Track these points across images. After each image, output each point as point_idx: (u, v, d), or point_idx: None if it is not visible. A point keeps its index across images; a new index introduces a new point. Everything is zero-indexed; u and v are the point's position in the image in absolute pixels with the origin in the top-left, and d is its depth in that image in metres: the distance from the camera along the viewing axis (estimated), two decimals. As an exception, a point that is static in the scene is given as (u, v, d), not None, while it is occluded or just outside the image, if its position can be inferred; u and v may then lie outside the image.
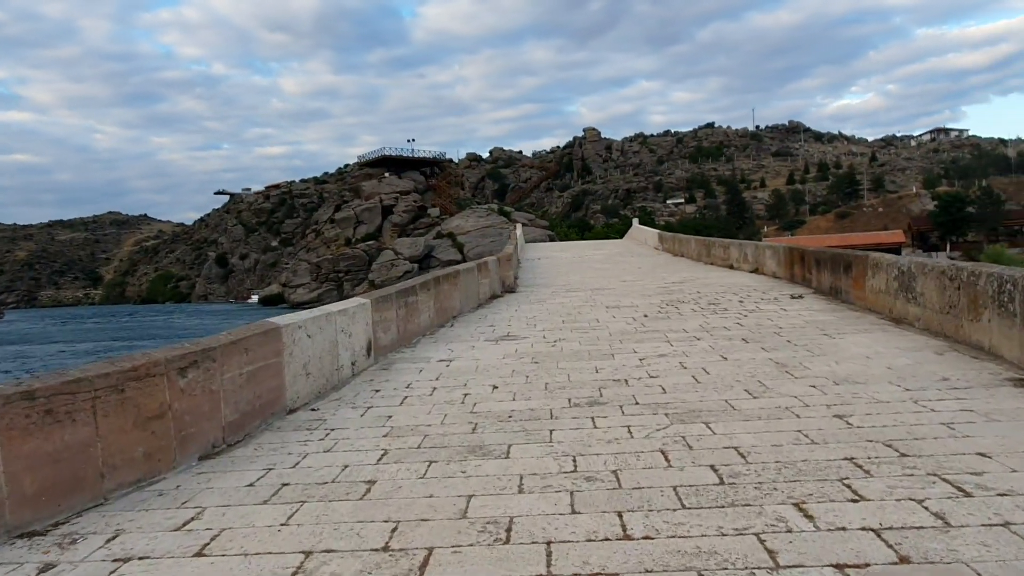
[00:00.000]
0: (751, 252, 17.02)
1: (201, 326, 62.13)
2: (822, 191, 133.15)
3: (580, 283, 15.86)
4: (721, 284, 13.85)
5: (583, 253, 29.30)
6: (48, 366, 39.92)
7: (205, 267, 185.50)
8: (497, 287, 13.41)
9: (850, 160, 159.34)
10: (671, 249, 26.47)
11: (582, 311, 10.61)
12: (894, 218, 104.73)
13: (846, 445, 3.77)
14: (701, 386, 5.41)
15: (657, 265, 20.84)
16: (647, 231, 33.81)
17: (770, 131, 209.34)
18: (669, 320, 9.16)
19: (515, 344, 7.90)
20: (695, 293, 12.37)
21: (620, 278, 16.79)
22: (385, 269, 70.32)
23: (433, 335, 8.80)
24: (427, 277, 9.24)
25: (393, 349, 7.69)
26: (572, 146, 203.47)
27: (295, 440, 4.56)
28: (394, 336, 7.77)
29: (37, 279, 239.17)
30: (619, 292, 13.29)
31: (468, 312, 10.92)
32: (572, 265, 22.73)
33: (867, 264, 9.14)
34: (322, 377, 5.91)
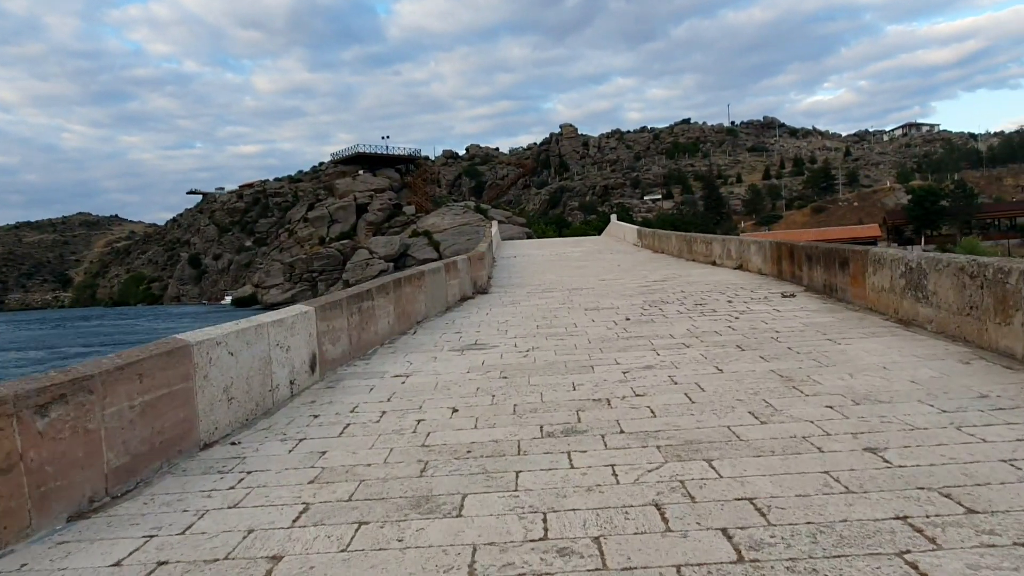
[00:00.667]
0: (735, 248, 16.31)
1: (166, 330, 60.43)
2: (798, 186, 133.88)
3: (557, 282, 15.03)
4: (706, 282, 13.09)
5: (561, 250, 28.51)
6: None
7: (177, 268, 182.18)
8: (468, 288, 12.52)
9: (825, 155, 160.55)
10: (651, 245, 25.76)
11: (558, 314, 9.77)
12: (869, 212, 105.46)
13: (892, 495, 2.95)
14: (697, 407, 4.58)
15: (637, 262, 20.08)
16: (626, 227, 33.10)
17: (745, 127, 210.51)
18: (654, 324, 8.34)
19: (483, 354, 7.02)
20: (679, 292, 11.58)
21: (599, 277, 15.98)
22: (360, 268, 68.99)
23: (392, 344, 7.90)
24: (386, 279, 8.33)
25: (344, 362, 6.78)
26: (549, 143, 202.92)
27: (199, 489, 3.65)
28: (345, 347, 6.85)
29: (4, 282, 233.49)
30: (598, 292, 12.48)
31: (435, 317, 10.02)
32: (549, 263, 21.92)
33: (867, 260, 8.40)
34: (250, 402, 4.99)
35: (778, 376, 5.29)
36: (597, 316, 9.30)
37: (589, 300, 11.23)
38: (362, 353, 7.26)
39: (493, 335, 8.21)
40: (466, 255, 12.88)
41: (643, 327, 8.13)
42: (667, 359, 6.21)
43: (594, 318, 9.13)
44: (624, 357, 6.43)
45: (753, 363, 5.81)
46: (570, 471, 3.53)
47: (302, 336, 5.90)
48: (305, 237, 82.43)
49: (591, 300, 11.21)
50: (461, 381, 5.86)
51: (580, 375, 5.80)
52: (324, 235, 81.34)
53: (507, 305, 11.26)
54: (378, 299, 7.84)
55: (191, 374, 4.34)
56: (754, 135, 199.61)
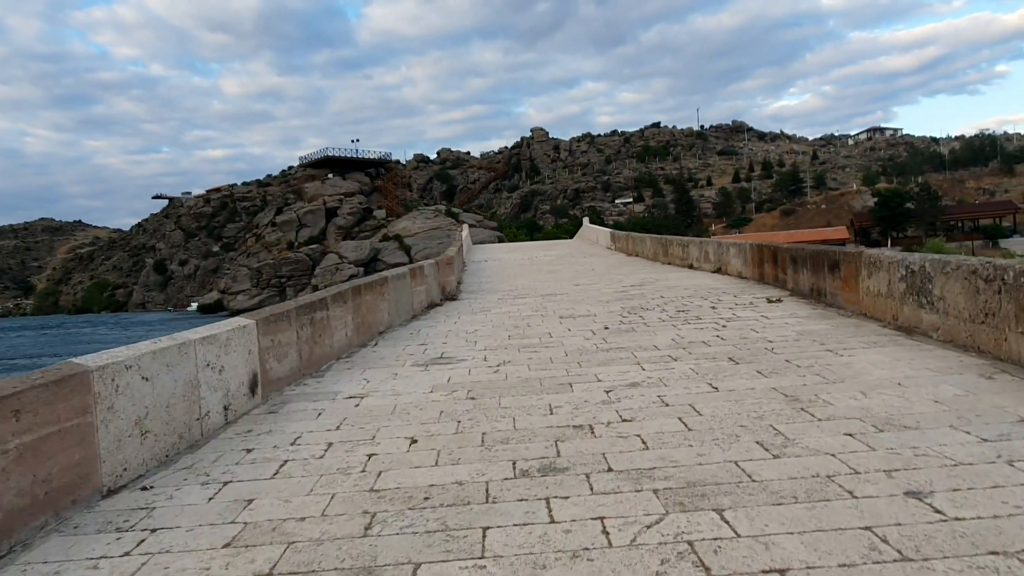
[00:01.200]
0: (713, 251, 15.83)
1: (123, 338, 58.11)
2: (767, 189, 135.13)
3: (530, 288, 14.37)
4: (685, 287, 12.54)
5: (533, 254, 27.90)
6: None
7: (142, 274, 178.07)
8: (436, 294, 11.80)
9: (792, 158, 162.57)
10: (624, 249, 25.27)
11: (532, 322, 9.10)
12: (837, 214, 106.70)
13: (962, 565, 2.32)
14: (695, 435, 3.94)
15: (612, 266, 19.53)
16: (599, 230, 32.60)
17: (715, 131, 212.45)
18: (635, 333, 7.71)
19: (449, 370, 6.32)
20: (659, 298, 11.00)
21: (573, 281, 15.37)
22: (329, 274, 67.63)
23: (349, 359, 7.15)
24: (343, 287, 7.59)
25: (293, 381, 6.03)
26: (520, 146, 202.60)
27: (85, 556, 2.91)
28: (294, 364, 6.10)
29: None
30: (573, 298, 11.84)
31: (399, 326, 9.29)
32: (521, 267, 21.28)
33: (861, 262, 7.88)
34: (171, 434, 4.23)
35: (782, 395, 4.68)
36: (573, 325, 8.66)
37: (564, 307, 10.59)
38: (314, 369, 6.51)
39: (461, 347, 7.51)
40: (433, 260, 12.16)
41: (624, 337, 7.50)
42: (654, 375, 5.57)
43: (570, 327, 8.48)
44: (606, 373, 5.78)
45: (751, 379, 5.20)
46: (550, 527, 2.86)
47: (239, 354, 5.15)
48: (273, 242, 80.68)
49: (566, 307, 10.57)
50: (423, 403, 5.16)
51: (558, 395, 5.14)
52: (293, 240, 79.70)
53: (477, 313, 10.56)
54: (333, 309, 7.10)
55: (90, 406, 3.58)
56: (723, 139, 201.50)
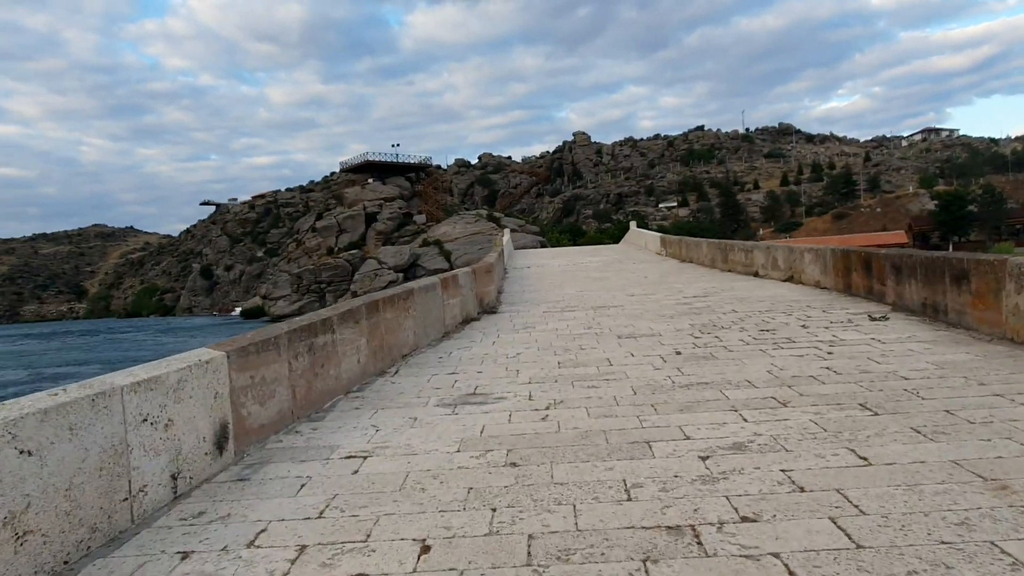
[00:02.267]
0: (783, 257, 14.11)
1: (158, 345, 57.80)
2: (817, 192, 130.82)
3: (578, 299, 12.89)
4: (758, 298, 10.90)
5: (577, 260, 26.36)
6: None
7: (189, 279, 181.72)
8: (472, 307, 10.41)
9: (844, 160, 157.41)
10: (676, 254, 23.56)
11: (585, 344, 7.63)
12: (893, 218, 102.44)
13: None
14: (872, 561, 2.43)
15: (665, 273, 17.90)
16: (647, 234, 30.88)
17: (761, 133, 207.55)
18: (717, 362, 6.17)
19: (483, 414, 4.90)
20: (731, 312, 9.41)
21: (626, 291, 13.83)
22: (368, 279, 67.04)
23: (361, 393, 5.78)
24: (356, 303, 6.23)
25: (282, 427, 4.68)
26: (562, 151, 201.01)
27: None
28: (284, 405, 4.75)
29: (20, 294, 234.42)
30: (630, 311, 10.32)
31: (427, 348, 7.91)
32: (566, 275, 19.78)
33: (1004, 273, 6.21)
34: (76, 529, 2.89)
35: (975, 476, 3.13)
36: (636, 348, 7.15)
37: (621, 323, 9.08)
38: (314, 409, 5.16)
39: (500, 378, 6.08)
40: (469, 268, 10.74)
41: (704, 367, 5.97)
42: (763, 429, 4.05)
43: (632, 351, 6.98)
44: (693, 423, 4.28)
45: (911, 444, 3.64)
46: None
47: (199, 400, 3.80)
48: (313, 247, 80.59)
49: (623, 323, 9.06)
50: (445, 471, 3.73)
51: (633, 461, 3.66)
52: (332, 245, 79.49)
53: (519, 330, 9.12)
54: (342, 331, 5.74)
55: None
56: (770, 141, 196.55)
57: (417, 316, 7.75)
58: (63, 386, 3.11)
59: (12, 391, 31.58)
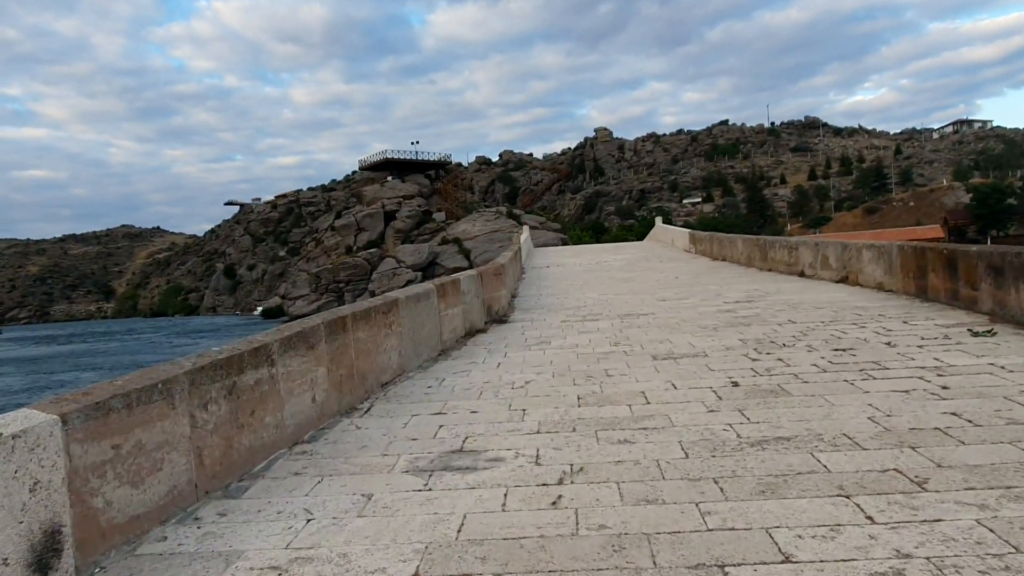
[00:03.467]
0: (835, 254, 12.43)
1: (172, 348, 56.37)
2: (847, 186, 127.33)
3: (602, 304, 11.34)
4: (813, 304, 9.28)
5: (600, 258, 24.76)
6: None
7: (213, 279, 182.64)
8: (479, 317, 8.91)
9: (874, 154, 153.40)
10: (707, 252, 21.87)
11: (612, 368, 6.09)
12: (927, 212, 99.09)
13: None
14: None
15: (698, 273, 16.27)
16: (674, 231, 29.15)
17: (787, 127, 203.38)
18: (791, 400, 4.60)
19: (467, 491, 3.39)
20: (787, 322, 7.81)
21: (655, 294, 12.25)
22: (386, 279, 65.88)
23: (312, 443, 4.31)
24: (312, 321, 4.76)
25: (174, 512, 3.22)
26: (584, 147, 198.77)
27: None
28: (181, 479, 3.29)
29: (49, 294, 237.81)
30: (663, 321, 8.76)
31: (416, 371, 6.42)
32: (589, 274, 18.22)
33: None
34: None
35: None
36: (677, 374, 5.60)
37: (654, 337, 7.54)
38: (238, 474, 3.70)
39: (499, 422, 4.57)
40: (475, 271, 9.22)
41: (775, 407, 4.41)
42: (907, 544, 2.50)
43: (673, 378, 5.44)
44: (786, 522, 2.74)
45: None
46: None
47: None
48: (332, 246, 79.68)
49: (657, 337, 7.51)
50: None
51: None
52: (351, 244, 78.52)
53: (532, 346, 7.61)
54: (286, 361, 4.27)
55: None
56: (796, 135, 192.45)
57: (404, 333, 6.26)
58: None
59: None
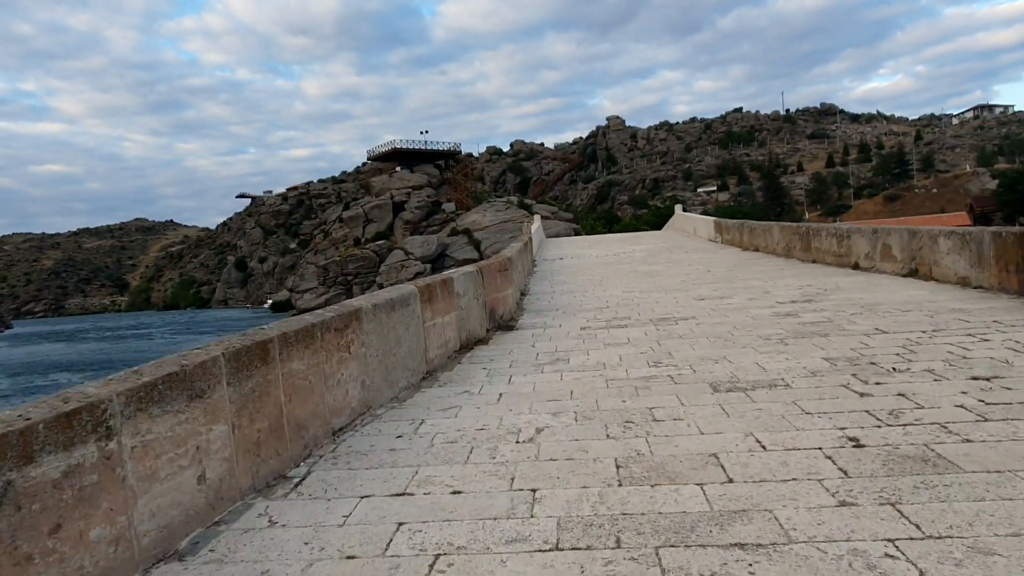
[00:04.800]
0: (900, 243, 10.59)
1: (172, 345, 54.51)
2: (866, 173, 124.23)
3: (628, 304, 9.58)
4: (894, 305, 7.47)
5: (617, 249, 22.94)
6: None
7: (225, 271, 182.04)
8: (478, 323, 7.19)
9: (893, 140, 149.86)
10: (736, 241, 20.01)
11: (659, 407, 4.34)
12: (950, 199, 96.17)
13: None
14: None
15: (732, 266, 14.44)
16: (697, 219, 27.25)
17: (802, 114, 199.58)
18: (964, 481, 2.85)
19: None
20: (874, 332, 6.03)
21: (690, 291, 10.47)
22: (394, 271, 64.27)
23: (184, 566, 2.61)
24: (204, 354, 3.06)
25: None
26: (596, 136, 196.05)
27: None
28: None
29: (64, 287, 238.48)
30: (710, 328, 6.99)
31: (388, 405, 4.71)
32: (607, 268, 16.43)
33: None
34: None
35: None
36: (757, 417, 3.85)
37: (705, 352, 5.79)
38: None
39: (494, 520, 2.85)
40: (473, 266, 7.47)
41: (950, 496, 2.66)
42: None
43: (754, 428, 3.69)
44: None
45: None
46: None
47: None
48: (340, 238, 78.20)
49: (710, 353, 5.76)
50: None
51: None
52: (360, 235, 76.98)
53: (545, 367, 5.88)
54: (140, 428, 2.56)
55: None
56: (813, 122, 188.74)
57: (370, 355, 4.55)
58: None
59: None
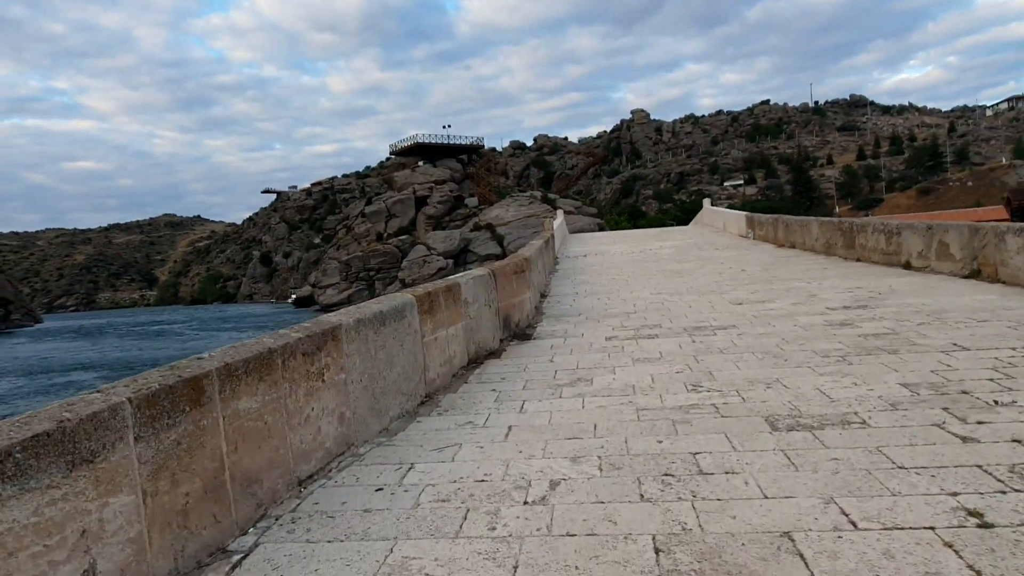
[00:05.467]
0: (959, 240, 9.57)
1: (182, 347, 52.88)
2: (898, 166, 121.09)
3: (658, 308, 8.71)
4: (965, 312, 6.52)
5: (644, 245, 21.98)
6: None
7: (250, 266, 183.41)
8: (490, 333, 6.38)
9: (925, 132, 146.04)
10: (770, 237, 18.96)
11: (705, 452, 3.50)
12: (986, 192, 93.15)
13: None
14: None
15: (768, 265, 13.47)
16: (727, 213, 26.15)
17: (832, 106, 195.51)
18: None
19: None
20: (952, 348, 5.11)
21: (726, 293, 9.56)
22: (416, 267, 63.67)
23: None
24: (103, 401, 2.31)
25: None
26: (620, 130, 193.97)
27: None
28: None
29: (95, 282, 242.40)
30: (753, 340, 6.10)
31: (375, 440, 3.93)
32: (633, 265, 15.53)
33: None
34: None
35: None
36: (833, 473, 3.00)
37: (753, 373, 4.92)
38: None
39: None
40: (484, 269, 6.60)
41: None
42: None
43: (833, 491, 2.84)
44: None
45: None
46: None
47: None
48: (362, 233, 77.82)
49: (759, 374, 4.89)
50: None
51: None
52: (382, 231, 76.53)
53: (564, 388, 5.05)
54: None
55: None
56: (842, 114, 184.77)
57: (352, 381, 3.77)
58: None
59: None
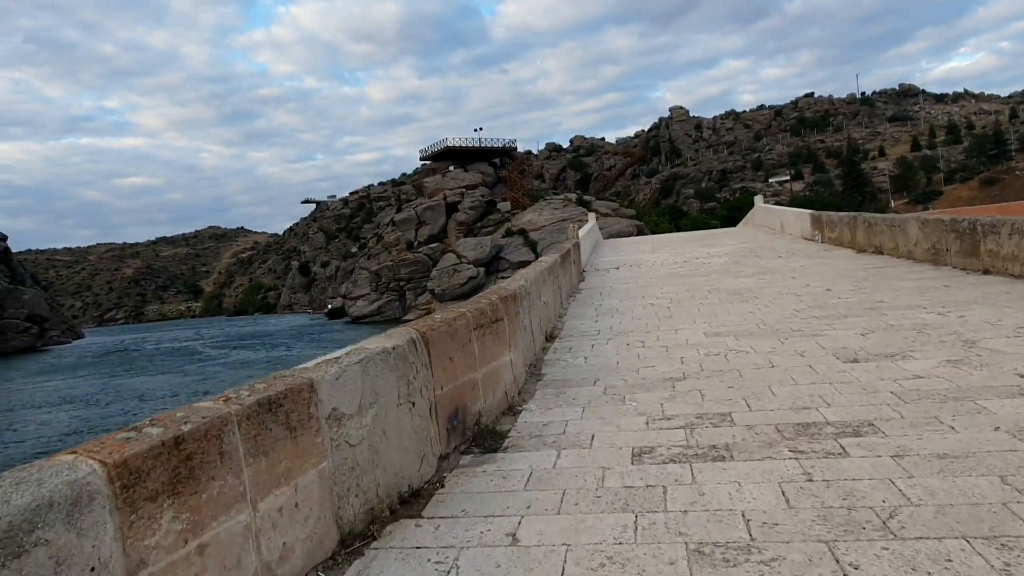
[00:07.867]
0: None
1: (206, 374, 48.05)
2: (957, 156, 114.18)
3: (718, 370, 5.56)
4: None
5: (688, 253, 18.65)
6: None
7: (289, 276, 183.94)
8: (412, 456, 3.40)
9: (986, 119, 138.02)
10: (844, 240, 15.49)
11: None
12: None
13: None
14: None
15: (858, 280, 10.12)
16: (786, 212, 22.57)
17: (880, 96, 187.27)
18: None
19: None
20: None
21: (820, 337, 6.33)
22: (447, 276, 61.02)
23: None
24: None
25: None
26: (658, 128, 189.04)
27: None
28: None
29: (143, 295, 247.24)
30: (938, 482, 2.95)
31: None
32: (676, 283, 12.28)
33: None
34: None
35: None
36: None
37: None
38: None
39: None
40: (405, 338, 3.48)
41: None
42: None
43: None
44: None
45: None
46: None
47: None
48: (392, 242, 75.72)
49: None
50: None
51: None
52: (412, 239, 74.23)
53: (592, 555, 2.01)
54: None
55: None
56: (892, 104, 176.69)
57: None
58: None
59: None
